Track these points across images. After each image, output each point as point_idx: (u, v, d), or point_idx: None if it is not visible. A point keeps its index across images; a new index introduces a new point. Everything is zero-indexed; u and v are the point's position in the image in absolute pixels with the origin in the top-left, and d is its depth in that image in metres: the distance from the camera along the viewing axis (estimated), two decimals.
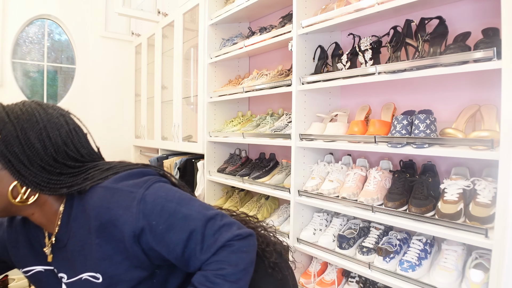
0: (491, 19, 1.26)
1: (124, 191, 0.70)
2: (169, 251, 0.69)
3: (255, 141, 1.95)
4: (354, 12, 1.42)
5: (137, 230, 0.67)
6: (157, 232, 0.68)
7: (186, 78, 2.75)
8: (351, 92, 1.82)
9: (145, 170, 0.78)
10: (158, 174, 0.79)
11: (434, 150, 1.18)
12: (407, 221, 1.25)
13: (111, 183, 0.71)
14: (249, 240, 0.72)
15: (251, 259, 0.72)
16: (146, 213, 0.68)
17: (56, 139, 0.71)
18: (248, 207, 2.17)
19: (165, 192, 0.72)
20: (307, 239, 1.65)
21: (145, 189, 0.70)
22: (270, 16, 2.29)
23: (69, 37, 3.37)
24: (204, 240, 0.69)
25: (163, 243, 0.69)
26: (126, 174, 0.74)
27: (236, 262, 0.69)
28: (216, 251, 0.69)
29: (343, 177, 1.62)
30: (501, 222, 0.99)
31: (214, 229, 0.70)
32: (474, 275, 1.10)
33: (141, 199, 0.69)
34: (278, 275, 0.87)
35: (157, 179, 0.75)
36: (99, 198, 0.69)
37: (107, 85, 3.57)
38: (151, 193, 0.70)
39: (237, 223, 0.74)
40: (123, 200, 0.69)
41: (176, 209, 0.70)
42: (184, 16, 2.56)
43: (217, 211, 0.74)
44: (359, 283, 1.55)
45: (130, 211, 0.67)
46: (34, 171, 0.69)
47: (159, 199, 0.70)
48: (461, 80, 1.38)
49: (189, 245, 0.69)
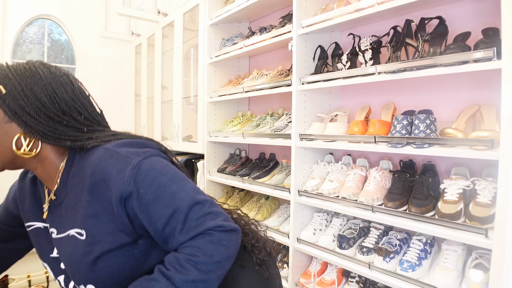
0: (491, 19, 1.26)
1: (122, 155, 0.72)
2: (151, 222, 0.70)
3: (255, 141, 1.95)
4: (354, 12, 1.42)
5: (125, 194, 0.69)
6: (143, 201, 0.69)
7: (186, 78, 2.75)
8: (351, 92, 1.82)
9: (148, 142, 0.80)
10: (160, 150, 0.81)
11: (434, 150, 1.18)
12: (407, 221, 1.25)
13: (112, 146, 0.74)
14: (232, 235, 0.71)
15: (229, 254, 0.70)
16: (137, 179, 0.69)
17: (62, 94, 0.74)
18: (248, 207, 2.17)
19: (160, 166, 0.73)
20: (307, 239, 1.65)
21: (142, 158, 0.72)
22: (270, 16, 2.29)
23: (69, 37, 3.37)
24: (186, 222, 0.69)
25: (146, 213, 0.69)
26: (128, 142, 0.77)
27: (212, 253, 0.67)
28: (195, 236, 0.68)
29: (343, 177, 1.62)
30: (501, 222, 0.99)
31: (199, 214, 0.69)
32: (474, 275, 1.11)
33: (136, 166, 0.70)
34: (265, 273, 0.86)
35: (157, 153, 0.77)
36: (98, 157, 0.72)
37: (107, 85, 3.57)
38: (146, 163, 0.71)
39: (225, 216, 0.73)
40: (119, 163, 0.70)
41: (167, 184, 0.70)
42: (184, 16, 2.56)
43: (207, 198, 0.73)
44: (359, 283, 1.55)
45: (123, 174, 0.69)
46: (41, 121, 0.72)
47: (153, 170, 0.71)
48: (461, 80, 1.38)
49: (170, 223, 0.69)
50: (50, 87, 0.73)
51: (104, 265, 0.72)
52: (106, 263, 0.72)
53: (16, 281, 2.19)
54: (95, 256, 0.71)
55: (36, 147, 0.75)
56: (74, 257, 0.74)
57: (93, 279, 0.73)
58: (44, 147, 0.76)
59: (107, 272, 0.72)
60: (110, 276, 0.73)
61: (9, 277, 2.16)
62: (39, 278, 2.26)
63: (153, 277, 0.68)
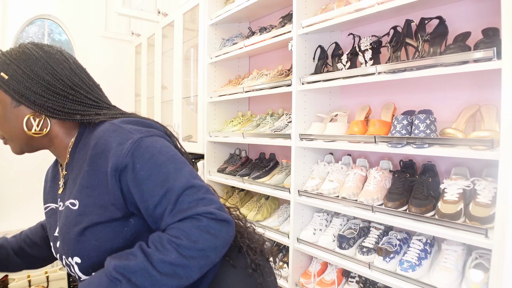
0: (491, 19, 1.26)
1: (126, 130, 0.73)
2: (143, 199, 0.69)
3: (255, 141, 1.95)
4: (354, 12, 1.42)
5: (120, 165, 0.69)
6: (138, 176, 0.69)
7: (186, 78, 2.76)
8: (351, 92, 1.82)
9: (154, 123, 0.82)
10: (165, 133, 0.83)
11: (434, 150, 1.18)
12: (407, 221, 1.25)
13: (118, 121, 0.76)
14: (222, 225, 0.68)
15: (216, 244, 0.67)
16: (135, 154, 0.70)
17: (62, 71, 0.76)
18: (248, 207, 2.17)
19: (161, 145, 0.73)
20: (307, 239, 1.65)
21: (145, 135, 0.73)
22: (270, 16, 2.29)
23: (69, 37, 3.37)
24: (177, 203, 0.68)
25: (139, 189, 0.69)
26: (134, 120, 0.79)
27: (196, 239, 0.65)
28: (183, 219, 0.67)
29: (343, 177, 1.62)
30: (501, 222, 0.99)
31: (192, 198, 0.68)
32: (474, 275, 1.11)
33: (136, 141, 0.71)
34: (259, 278, 0.84)
35: (161, 134, 0.78)
36: (103, 130, 0.74)
37: (107, 85, 3.50)
38: (147, 140, 0.72)
39: (220, 205, 0.71)
40: (120, 137, 0.72)
41: (164, 163, 0.70)
42: (184, 16, 2.56)
43: (204, 185, 0.72)
44: (359, 283, 1.55)
45: (122, 146, 0.70)
46: (50, 98, 0.75)
47: (152, 148, 0.71)
48: (461, 80, 1.38)
49: (162, 202, 0.68)
50: (49, 65, 0.75)
51: (91, 237, 0.72)
52: (93, 235, 0.72)
53: (16, 281, 2.18)
54: (84, 227, 0.72)
55: (46, 126, 0.78)
56: (65, 227, 0.75)
57: (79, 251, 0.73)
58: (54, 125, 0.79)
59: (93, 245, 0.72)
60: (96, 250, 0.72)
61: (9, 277, 2.16)
62: (39, 278, 2.26)
63: (132, 251, 0.67)
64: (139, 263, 0.64)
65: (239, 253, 0.86)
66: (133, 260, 0.65)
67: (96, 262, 0.72)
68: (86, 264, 0.73)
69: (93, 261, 0.73)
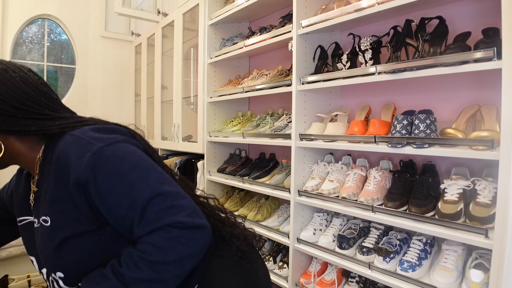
0: (491, 19, 1.26)
1: (85, 141, 0.70)
2: (109, 212, 0.67)
3: (255, 141, 1.95)
4: (354, 12, 1.42)
5: (81, 180, 0.67)
6: (101, 189, 0.66)
7: (186, 78, 2.75)
8: (351, 92, 1.82)
9: (117, 128, 0.78)
10: (131, 136, 0.78)
11: (434, 150, 1.18)
12: (407, 221, 1.25)
13: (78, 132, 0.72)
14: (194, 232, 0.66)
15: (189, 253, 0.65)
16: (95, 166, 0.67)
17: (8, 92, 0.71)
18: (248, 207, 2.17)
19: (124, 153, 0.70)
20: (307, 239, 1.65)
21: (106, 144, 0.69)
22: (270, 16, 2.29)
23: (69, 37, 3.37)
24: (144, 214, 0.65)
25: (104, 202, 0.67)
26: (96, 127, 0.74)
27: (167, 252, 0.63)
28: (152, 231, 0.64)
29: (343, 177, 1.62)
30: (501, 222, 0.99)
31: (160, 207, 0.65)
32: (474, 275, 1.10)
33: (96, 152, 0.67)
34: (246, 264, 0.83)
35: (125, 139, 0.74)
36: (64, 143, 0.71)
37: (107, 85, 3.57)
38: (109, 150, 0.69)
39: (190, 210, 0.68)
40: (79, 149, 0.69)
41: (127, 172, 0.67)
42: (184, 16, 2.55)
43: (173, 190, 0.69)
44: (359, 283, 1.55)
45: (81, 160, 0.67)
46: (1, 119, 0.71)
47: (113, 158, 0.68)
48: (461, 80, 1.38)
49: (129, 214, 0.66)
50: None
51: (69, 251, 0.70)
52: (70, 249, 0.70)
53: (16, 281, 2.18)
54: (58, 242, 0.70)
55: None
56: (42, 244, 0.73)
57: (60, 266, 0.72)
58: (12, 143, 0.75)
59: (72, 258, 0.70)
60: (76, 263, 0.71)
61: (9, 277, 2.16)
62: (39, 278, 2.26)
63: (105, 273, 0.66)
64: (112, 285, 0.63)
65: (224, 243, 0.85)
66: (106, 283, 0.63)
67: (79, 274, 0.71)
68: (70, 277, 0.72)
69: (76, 274, 0.71)
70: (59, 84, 3.42)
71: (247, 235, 0.90)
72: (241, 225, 0.94)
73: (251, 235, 0.93)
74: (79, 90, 3.40)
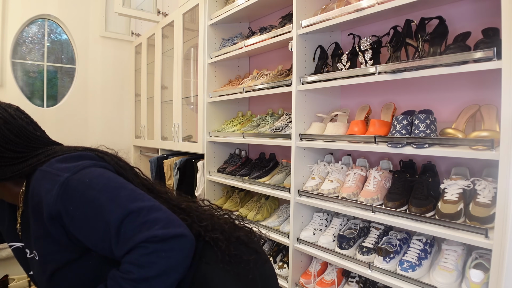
0: (491, 19, 1.26)
1: (52, 174, 0.70)
2: (87, 239, 0.68)
3: (255, 141, 1.95)
4: (354, 12, 1.42)
5: (53, 212, 0.67)
6: (74, 218, 0.67)
7: (186, 78, 2.76)
8: (351, 92, 1.82)
9: (85, 154, 0.78)
10: (98, 159, 0.79)
11: (434, 150, 1.18)
12: (407, 221, 1.25)
13: (46, 166, 0.73)
14: (172, 242, 0.65)
15: (172, 264, 0.65)
16: (64, 197, 0.67)
17: None
18: (248, 207, 2.17)
19: (90, 178, 0.70)
20: (307, 239, 1.65)
21: (72, 173, 0.70)
22: (270, 16, 2.29)
23: (69, 37, 3.37)
24: (119, 235, 0.65)
25: (80, 230, 0.68)
26: (63, 158, 0.75)
27: (148, 268, 0.63)
28: (129, 250, 0.65)
29: (343, 177, 1.62)
30: (501, 222, 0.99)
31: (134, 225, 0.65)
32: (474, 275, 1.10)
33: (63, 183, 0.68)
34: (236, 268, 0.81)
35: (92, 164, 0.74)
36: (35, 179, 0.72)
37: (107, 85, 3.57)
38: (75, 179, 0.69)
39: (165, 221, 0.67)
40: (48, 183, 0.69)
41: (96, 197, 0.67)
42: (184, 16, 2.56)
43: (145, 205, 0.69)
44: (359, 283, 1.55)
45: (50, 194, 0.68)
46: None
47: (81, 185, 0.69)
48: (461, 80, 1.38)
49: (105, 238, 0.66)
50: None
51: (60, 280, 0.72)
52: (61, 278, 0.72)
53: (16, 281, 2.18)
54: (49, 274, 0.72)
55: None
56: (37, 275, 0.76)
57: None
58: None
59: (65, 286, 0.72)
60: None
61: (9, 277, 2.16)
62: None
63: None
64: None
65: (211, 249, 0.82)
66: None
67: None
68: None
69: None
70: (59, 84, 3.42)
71: (240, 238, 0.87)
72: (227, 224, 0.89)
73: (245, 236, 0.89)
74: (79, 90, 3.41)
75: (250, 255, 0.85)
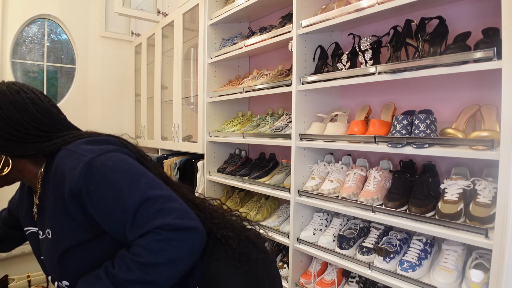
0: (491, 19, 1.26)
1: (77, 153, 0.73)
2: (103, 220, 0.70)
3: (255, 141, 1.95)
4: (354, 12, 1.42)
5: (75, 190, 0.69)
6: (94, 198, 0.69)
7: (186, 78, 2.75)
8: (351, 92, 1.82)
9: (109, 139, 0.81)
10: (122, 145, 0.81)
11: (434, 150, 1.18)
12: (407, 221, 1.25)
13: (71, 145, 0.76)
14: (185, 234, 0.67)
15: (181, 255, 0.66)
16: (87, 176, 0.70)
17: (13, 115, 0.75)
18: (248, 207, 2.17)
19: (114, 162, 0.73)
20: (307, 239, 1.65)
21: (97, 155, 0.72)
22: (270, 16, 2.29)
23: (69, 37, 3.37)
24: (135, 219, 0.67)
25: (97, 210, 0.70)
26: (88, 140, 0.78)
27: (157, 254, 0.64)
28: (143, 234, 0.66)
29: (343, 177, 1.62)
30: (501, 222, 0.99)
31: (150, 211, 0.67)
32: (474, 275, 1.10)
33: (87, 163, 0.70)
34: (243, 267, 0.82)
35: (116, 149, 0.77)
36: (59, 158, 0.75)
37: (107, 85, 3.57)
38: (99, 160, 0.72)
39: (180, 212, 0.69)
40: (72, 162, 0.72)
41: (117, 180, 0.70)
42: (184, 16, 2.55)
43: (163, 194, 0.71)
44: (359, 283, 1.55)
45: (74, 172, 0.70)
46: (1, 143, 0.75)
47: (104, 167, 0.71)
48: (461, 80, 1.38)
49: (120, 220, 0.68)
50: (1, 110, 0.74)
51: (71, 261, 0.73)
52: (72, 259, 0.73)
53: (16, 281, 2.18)
54: (60, 253, 0.73)
55: (7, 164, 0.78)
56: (47, 255, 0.77)
57: (65, 275, 0.75)
58: (17, 161, 0.79)
59: (75, 268, 0.74)
60: (79, 270, 0.73)
61: (9, 277, 2.16)
62: (39, 278, 2.26)
63: (98, 274, 0.68)
64: (104, 286, 0.65)
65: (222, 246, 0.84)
66: (99, 283, 0.66)
67: None
68: (75, 285, 0.74)
69: None
70: (59, 84, 3.42)
71: (249, 237, 0.89)
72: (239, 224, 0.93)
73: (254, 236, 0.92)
74: (79, 90, 3.40)
75: (259, 254, 0.86)
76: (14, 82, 0.81)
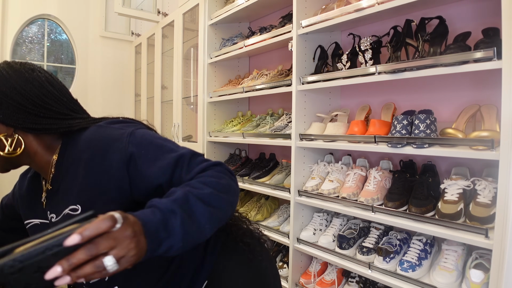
0: (491, 19, 1.26)
1: (115, 128, 0.77)
2: (158, 176, 0.72)
3: (255, 141, 1.95)
4: (354, 12, 1.42)
5: (126, 156, 0.72)
6: (147, 158, 0.73)
7: (186, 78, 2.75)
8: (351, 92, 1.82)
9: (135, 120, 0.86)
10: (147, 127, 0.87)
11: (434, 150, 1.18)
12: (407, 221, 1.25)
13: (104, 123, 0.79)
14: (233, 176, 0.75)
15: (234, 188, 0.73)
16: (135, 143, 0.74)
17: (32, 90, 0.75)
18: (248, 207, 2.17)
19: (152, 134, 0.80)
20: (307, 239, 1.65)
21: (135, 128, 0.78)
22: (270, 16, 2.29)
23: (69, 37, 3.37)
24: (190, 164, 0.73)
25: (152, 169, 0.72)
26: (117, 120, 0.82)
27: (219, 178, 0.70)
28: (201, 171, 0.71)
29: (343, 177, 1.62)
30: (501, 222, 0.99)
31: (200, 159, 0.75)
32: (474, 275, 1.10)
33: (131, 133, 0.75)
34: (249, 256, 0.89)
35: (145, 127, 0.84)
36: (92, 133, 0.76)
37: (107, 85, 3.57)
38: (140, 132, 0.77)
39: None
40: (114, 134, 0.75)
41: (164, 143, 0.76)
42: (184, 16, 2.55)
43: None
44: (359, 283, 1.55)
45: (121, 141, 0.73)
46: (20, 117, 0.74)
47: (147, 135, 0.77)
48: (461, 80, 1.38)
49: (176, 170, 0.72)
50: (18, 85, 0.73)
51: None
52: None
53: None
54: None
55: (19, 145, 0.76)
56: None
57: None
58: (30, 142, 0.78)
59: None
60: None
61: None
62: None
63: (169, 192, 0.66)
64: (183, 195, 0.64)
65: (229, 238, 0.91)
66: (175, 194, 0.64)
67: None
68: None
69: None
70: None
71: (252, 229, 0.96)
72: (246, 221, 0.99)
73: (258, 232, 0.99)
74: (79, 90, 3.40)
75: (262, 248, 0.95)
76: (26, 62, 0.81)
